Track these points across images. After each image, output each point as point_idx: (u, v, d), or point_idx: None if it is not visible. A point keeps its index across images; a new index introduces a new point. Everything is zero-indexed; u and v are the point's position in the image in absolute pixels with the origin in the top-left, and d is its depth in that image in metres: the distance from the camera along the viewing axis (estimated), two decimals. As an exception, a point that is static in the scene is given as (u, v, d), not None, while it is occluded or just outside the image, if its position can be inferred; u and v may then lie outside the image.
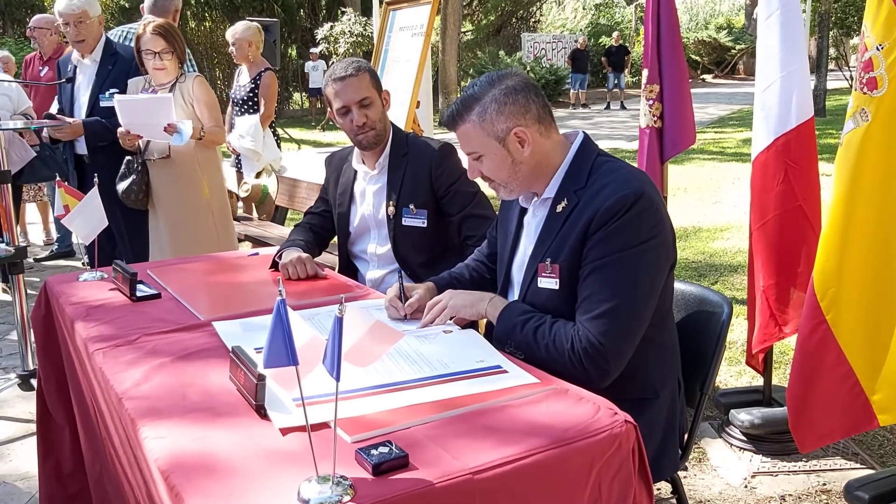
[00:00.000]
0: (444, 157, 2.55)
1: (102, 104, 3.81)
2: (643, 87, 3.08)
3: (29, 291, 3.65)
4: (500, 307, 1.82)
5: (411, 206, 2.53)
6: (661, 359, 1.83)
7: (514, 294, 1.95)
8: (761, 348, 2.80)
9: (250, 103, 5.41)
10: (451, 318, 1.91)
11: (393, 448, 1.25)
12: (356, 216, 2.66)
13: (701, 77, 29.07)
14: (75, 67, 3.93)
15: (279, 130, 6.07)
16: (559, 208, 1.79)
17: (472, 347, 1.76)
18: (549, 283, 1.78)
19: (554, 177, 1.81)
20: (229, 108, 5.61)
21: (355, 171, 2.65)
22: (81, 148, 3.93)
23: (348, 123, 2.48)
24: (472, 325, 2.17)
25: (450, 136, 1.96)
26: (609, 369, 1.66)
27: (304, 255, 2.48)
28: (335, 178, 2.73)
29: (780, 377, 3.22)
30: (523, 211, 1.95)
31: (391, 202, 2.55)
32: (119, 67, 3.86)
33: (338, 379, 1.16)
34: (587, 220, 1.70)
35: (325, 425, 1.36)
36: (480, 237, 2.44)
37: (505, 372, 1.61)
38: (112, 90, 3.76)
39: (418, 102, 4.39)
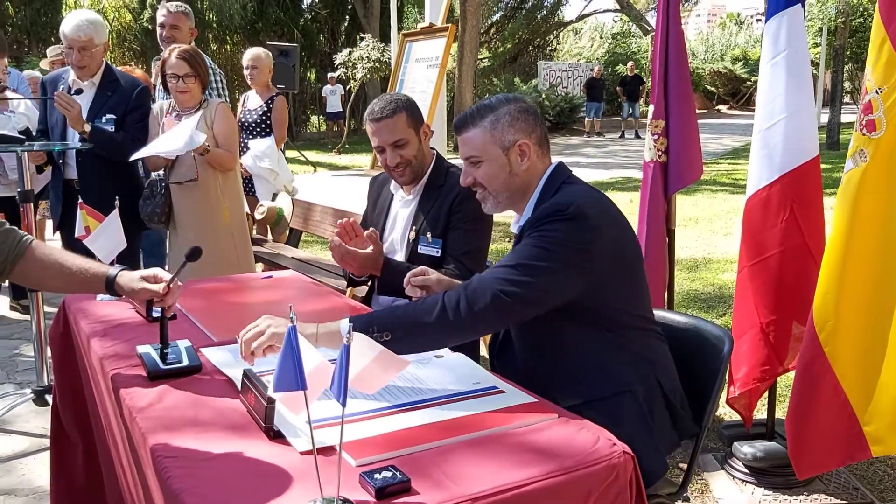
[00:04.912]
0: (470, 196, 2.60)
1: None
2: (649, 121, 3.11)
3: (46, 309, 3.71)
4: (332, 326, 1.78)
5: (428, 235, 2.61)
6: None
7: None
8: (752, 388, 2.80)
9: (263, 126, 5.51)
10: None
11: (396, 472, 1.30)
12: (387, 237, 2.76)
13: (716, 108, 29.14)
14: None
15: (297, 153, 6.15)
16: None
17: (467, 370, 1.83)
18: None
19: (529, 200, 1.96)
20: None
21: (392, 194, 2.76)
22: (71, 173, 3.92)
23: (384, 161, 2.60)
24: (472, 348, 2.21)
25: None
26: None
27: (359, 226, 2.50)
28: (374, 198, 2.86)
29: (784, 411, 3.22)
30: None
31: (414, 227, 2.65)
32: (118, 95, 3.87)
33: (344, 405, 1.21)
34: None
35: (331, 449, 1.41)
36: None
37: (502, 392, 1.69)
38: (109, 116, 3.78)
39: (432, 132, 4.47)
